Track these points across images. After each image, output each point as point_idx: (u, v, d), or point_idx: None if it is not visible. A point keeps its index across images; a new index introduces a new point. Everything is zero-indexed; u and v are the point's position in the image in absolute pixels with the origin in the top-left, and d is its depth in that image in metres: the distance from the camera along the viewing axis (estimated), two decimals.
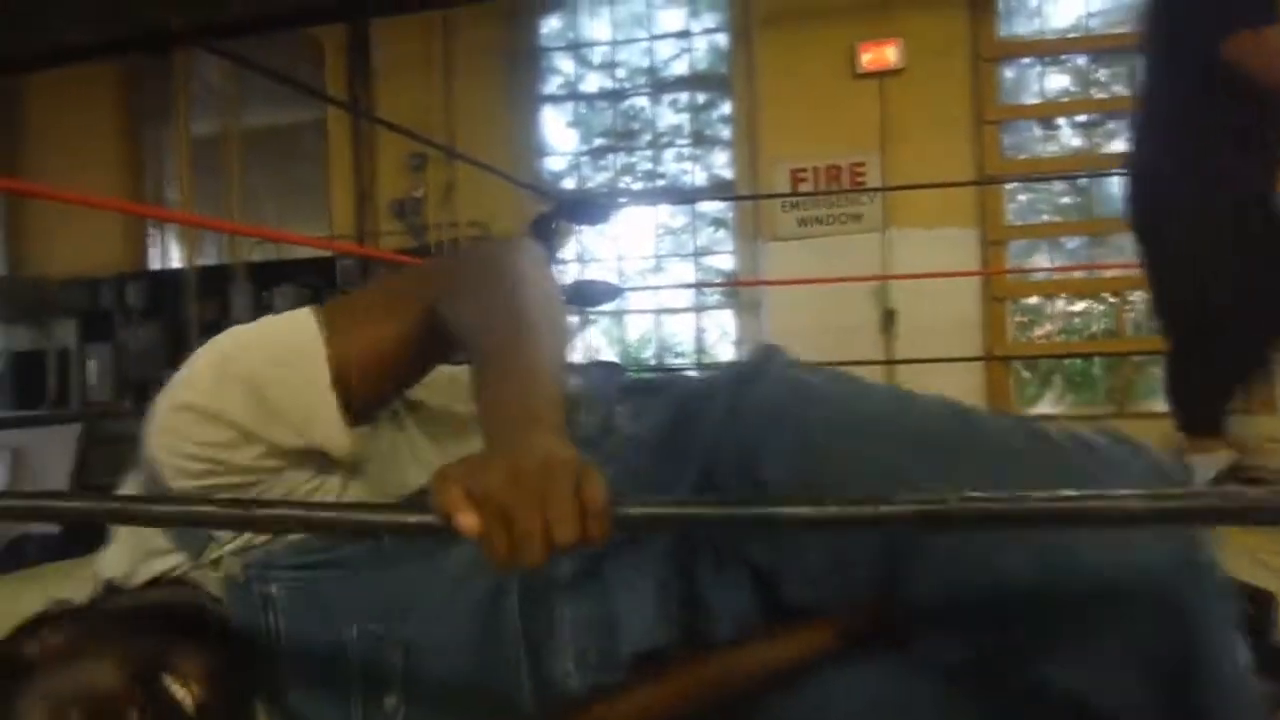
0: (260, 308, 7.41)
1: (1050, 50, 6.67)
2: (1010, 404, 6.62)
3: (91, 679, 0.86)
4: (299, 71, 7.35)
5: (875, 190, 6.43)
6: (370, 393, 0.96)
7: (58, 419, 7.35)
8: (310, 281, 7.32)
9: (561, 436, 0.75)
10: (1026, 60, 6.71)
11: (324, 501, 0.93)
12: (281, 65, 7.07)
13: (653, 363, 7.35)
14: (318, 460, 0.95)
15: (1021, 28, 6.68)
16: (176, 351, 7.54)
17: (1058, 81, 6.77)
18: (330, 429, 0.92)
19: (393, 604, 0.95)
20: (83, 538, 5.90)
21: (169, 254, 8.34)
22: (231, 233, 7.79)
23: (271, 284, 7.38)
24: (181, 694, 0.87)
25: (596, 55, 7.37)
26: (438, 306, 0.92)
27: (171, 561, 1.00)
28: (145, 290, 7.81)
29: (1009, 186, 6.72)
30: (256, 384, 0.92)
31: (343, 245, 7.20)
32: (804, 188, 6.57)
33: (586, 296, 6.12)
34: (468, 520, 0.68)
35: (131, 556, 1.02)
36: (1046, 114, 6.75)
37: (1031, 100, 6.77)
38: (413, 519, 0.76)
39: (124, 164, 8.21)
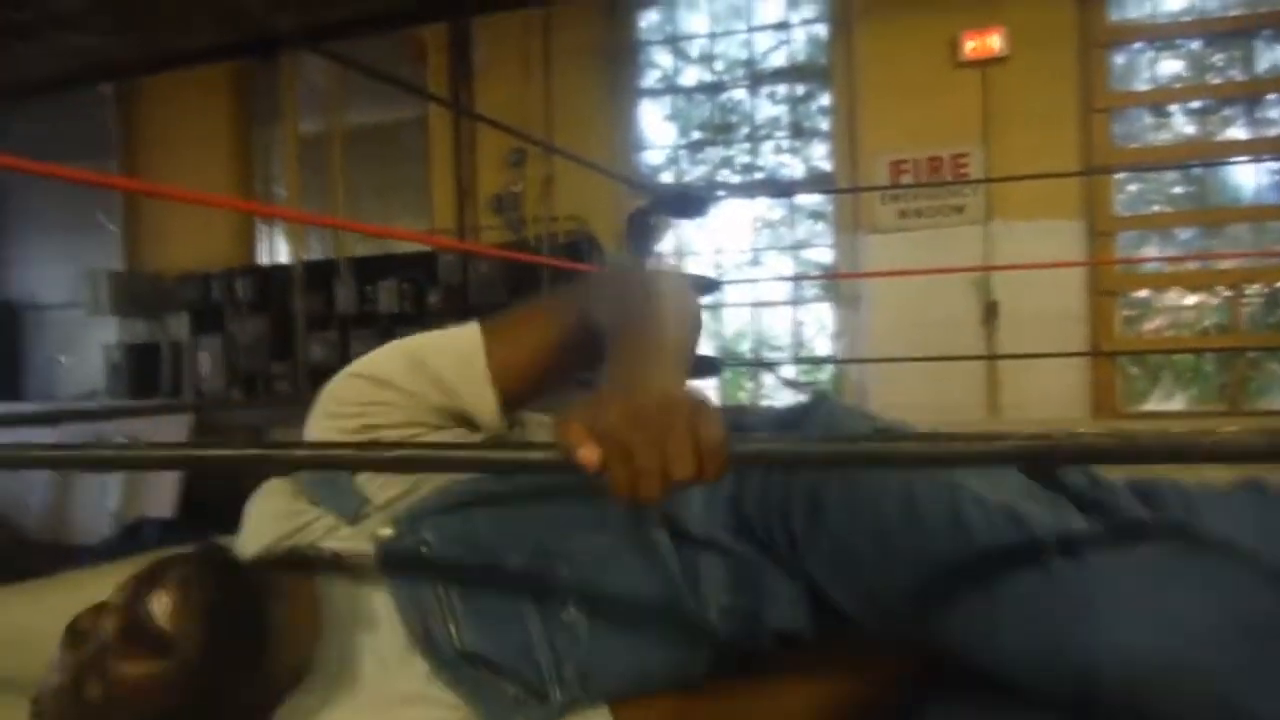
0: (363, 300, 7.58)
1: (1162, 34, 6.47)
2: (1116, 401, 6.45)
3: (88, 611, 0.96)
4: (401, 70, 7.50)
5: (978, 182, 6.32)
6: (518, 385, 1.03)
7: (171, 409, 7.61)
8: (412, 276, 7.47)
9: (681, 378, 0.78)
10: (1137, 45, 6.51)
11: (449, 442, 0.99)
12: (384, 64, 7.23)
13: (749, 356, 7.33)
14: (466, 431, 1.02)
15: (1132, 11, 6.48)
16: (283, 343, 7.77)
17: (1170, 67, 6.56)
18: (480, 398, 1.01)
19: (550, 528, 0.99)
20: (197, 520, 6.10)
21: (276, 249, 8.59)
22: (336, 228, 7.98)
23: (374, 278, 7.54)
24: (160, 615, 0.93)
25: (695, 48, 7.37)
26: (582, 312, 1.01)
27: (323, 523, 1.04)
28: (254, 284, 8.05)
29: (1118, 176, 6.54)
30: (419, 355, 1.02)
31: (443, 240, 7.32)
32: (905, 179, 6.49)
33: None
34: (589, 454, 0.71)
35: (272, 516, 1.08)
36: (1158, 101, 6.54)
37: (1142, 87, 6.57)
38: (536, 455, 0.79)
39: (234, 163, 8.47)
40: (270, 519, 1.07)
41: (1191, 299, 6.83)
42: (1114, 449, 0.76)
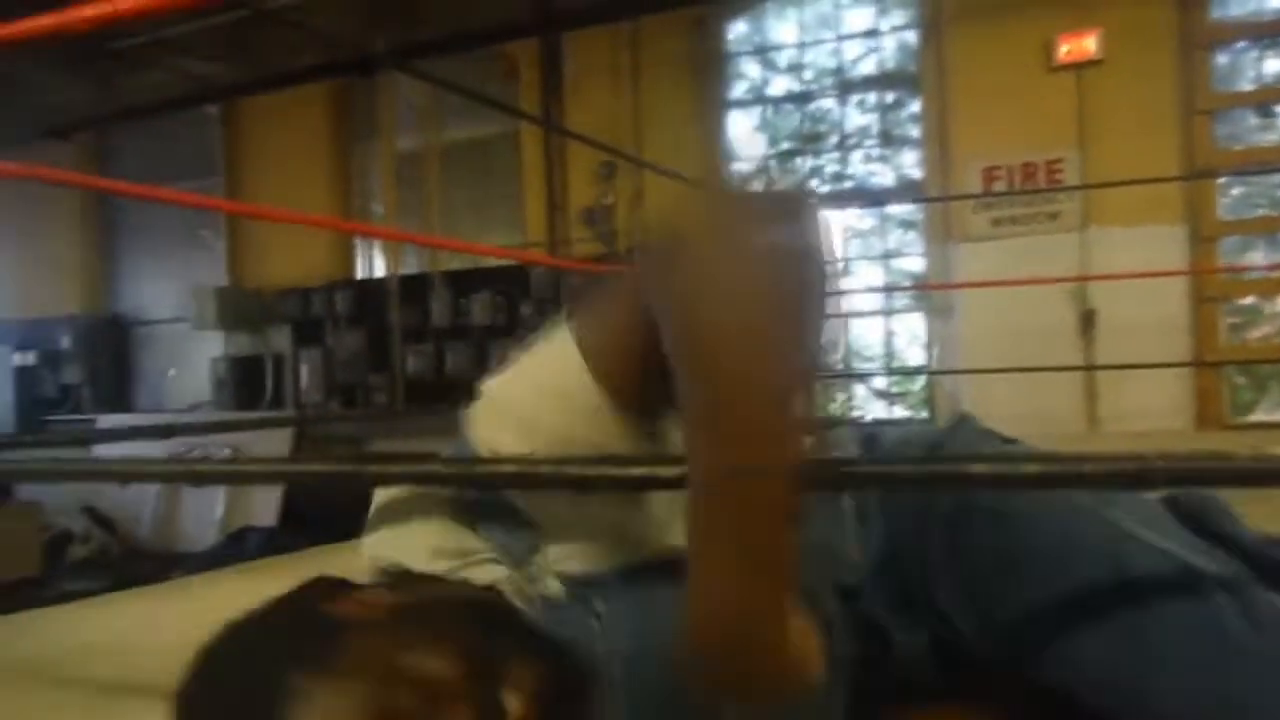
0: (457, 313, 7.72)
1: (1266, 32, 6.29)
2: (1222, 412, 6.26)
3: (425, 660, 0.76)
4: (494, 86, 7.65)
5: (1074, 188, 6.20)
6: (625, 376, 0.84)
7: (273, 422, 7.85)
8: (504, 288, 7.59)
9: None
10: (1240, 44, 6.34)
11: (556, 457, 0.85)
12: (477, 81, 7.38)
13: (840, 367, 7.28)
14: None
15: (1235, 9, 6.31)
16: (380, 355, 7.95)
17: (1275, 65, 6.36)
18: (588, 415, 0.85)
19: None
20: (300, 529, 6.28)
21: (373, 264, 8.80)
22: (432, 246, 8.15)
23: (468, 291, 7.68)
24: (514, 707, 0.76)
25: (783, 58, 7.37)
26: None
27: (489, 570, 0.93)
28: (352, 298, 8.26)
29: (1222, 180, 6.36)
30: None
31: (532, 255, 7.42)
32: (997, 186, 6.39)
33: None
34: None
35: (430, 551, 0.95)
36: (1263, 100, 6.35)
37: (1247, 86, 6.39)
38: (669, 472, 0.76)
39: (333, 179, 8.71)
40: (430, 553, 0.94)
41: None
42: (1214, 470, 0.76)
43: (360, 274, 8.79)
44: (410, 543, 0.94)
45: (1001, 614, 0.92)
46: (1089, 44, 6.15)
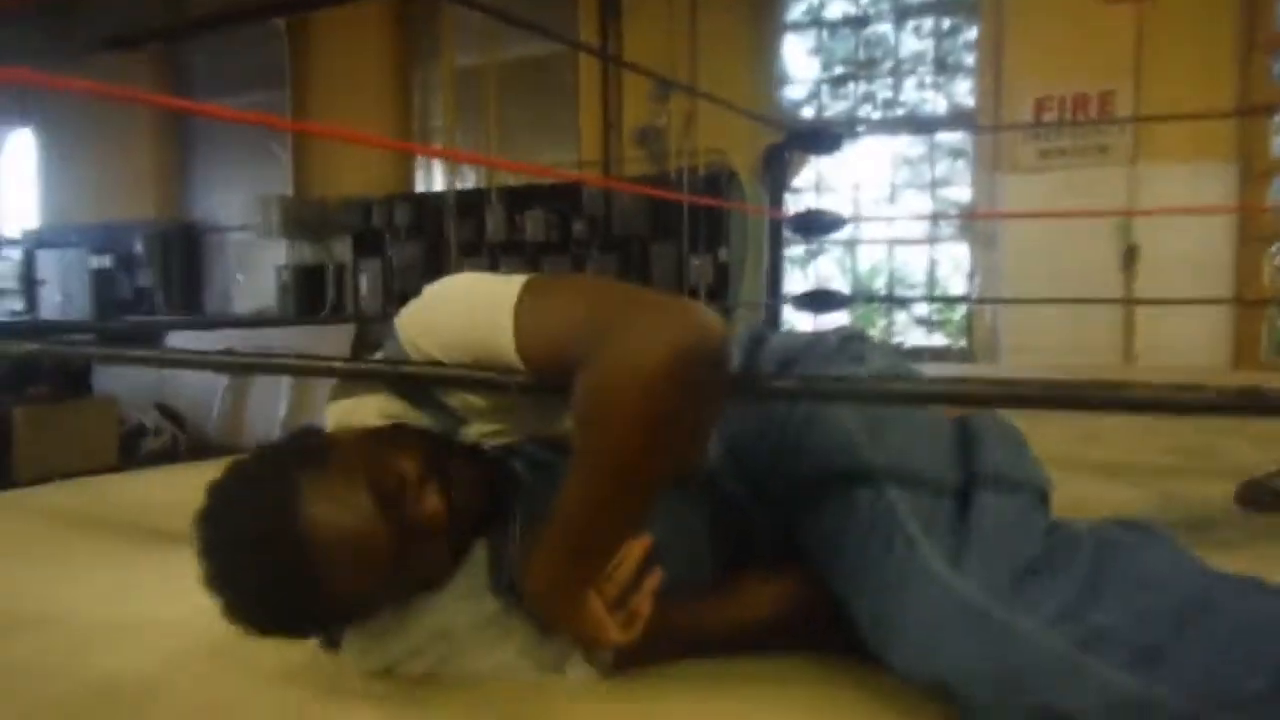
0: (512, 228, 7.92)
1: None
2: (1259, 351, 6.29)
3: (394, 453, 1.01)
4: (555, 7, 7.74)
5: (1125, 121, 6.19)
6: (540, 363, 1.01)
7: (333, 322, 8.15)
8: (558, 206, 7.75)
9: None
10: None
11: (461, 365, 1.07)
12: (538, 1, 7.47)
13: (884, 293, 7.39)
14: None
15: None
16: (437, 267, 8.18)
17: None
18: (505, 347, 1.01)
19: None
20: None
21: (432, 178, 9.00)
22: (487, 165, 8.32)
23: (522, 207, 7.87)
24: (459, 484, 1.01)
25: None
26: (579, 377, 0.91)
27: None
28: (411, 211, 8.49)
29: (1277, 118, 6.31)
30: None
31: (585, 176, 7.56)
32: (1048, 117, 6.40)
33: (813, 226, 6.23)
34: None
35: (378, 413, 1.16)
36: None
37: None
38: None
39: (395, 95, 8.90)
40: (378, 414, 1.14)
41: None
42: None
43: (419, 187, 9.01)
44: (363, 407, 1.15)
45: (776, 492, 1.13)
46: None
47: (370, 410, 1.15)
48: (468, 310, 1.03)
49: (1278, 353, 6.51)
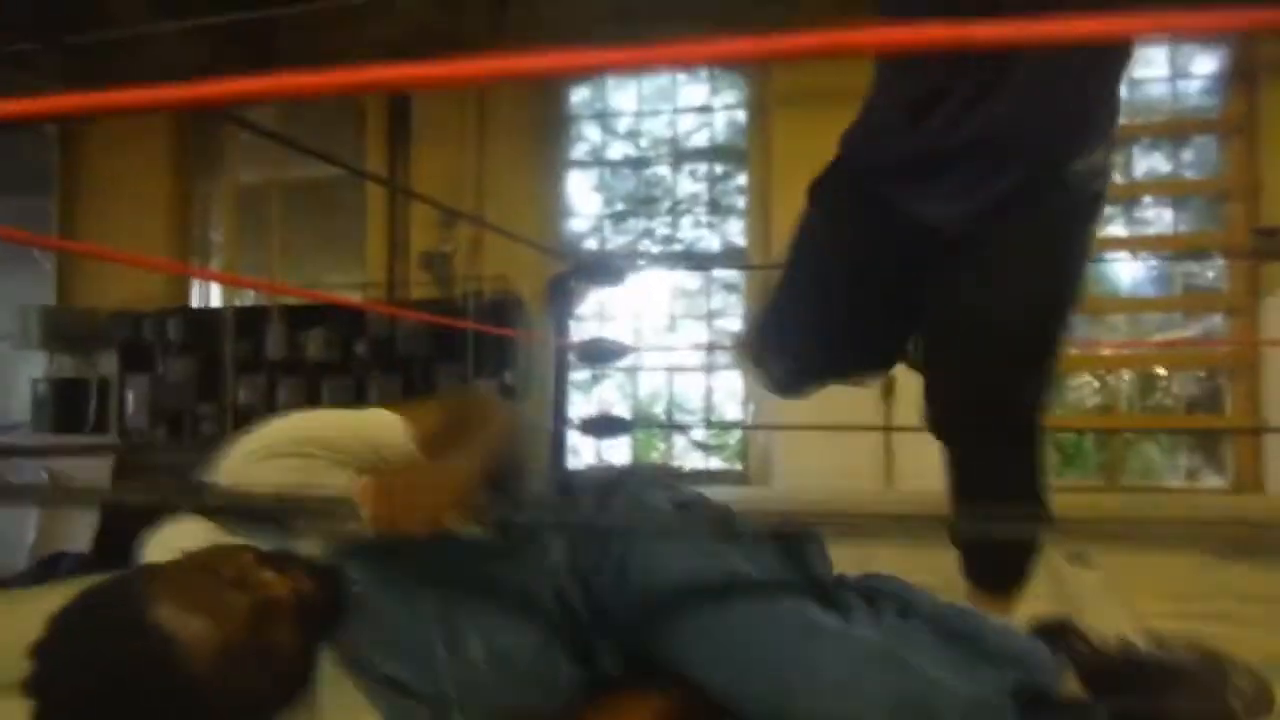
0: (293, 347, 7.77)
1: None
2: None
3: (221, 554, 1.11)
4: (343, 131, 7.81)
5: None
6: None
7: (92, 449, 7.72)
8: (341, 326, 7.67)
9: (461, 480, 1.11)
10: None
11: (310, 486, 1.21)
12: (327, 125, 7.54)
13: (663, 418, 7.66)
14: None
15: None
16: (211, 385, 7.93)
17: None
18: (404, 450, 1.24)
19: (457, 578, 1.23)
20: (113, 556, 6.23)
21: (210, 292, 8.76)
22: (268, 290, 8.18)
23: (305, 326, 7.73)
24: (297, 580, 1.10)
25: (622, 125, 7.79)
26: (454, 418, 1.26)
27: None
28: (185, 326, 8.19)
29: None
30: (355, 423, 1.28)
31: (369, 304, 7.53)
32: None
33: (599, 354, 6.45)
34: (366, 500, 1.06)
35: (203, 541, 1.23)
36: None
37: None
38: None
39: (173, 207, 8.67)
40: (203, 542, 1.19)
41: (1074, 380, 7.32)
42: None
43: (195, 302, 8.74)
44: (187, 534, 1.20)
45: (627, 612, 1.22)
46: None
47: (195, 535, 1.20)
48: (347, 415, 1.27)
49: None
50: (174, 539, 1.20)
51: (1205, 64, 6.78)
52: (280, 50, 7.67)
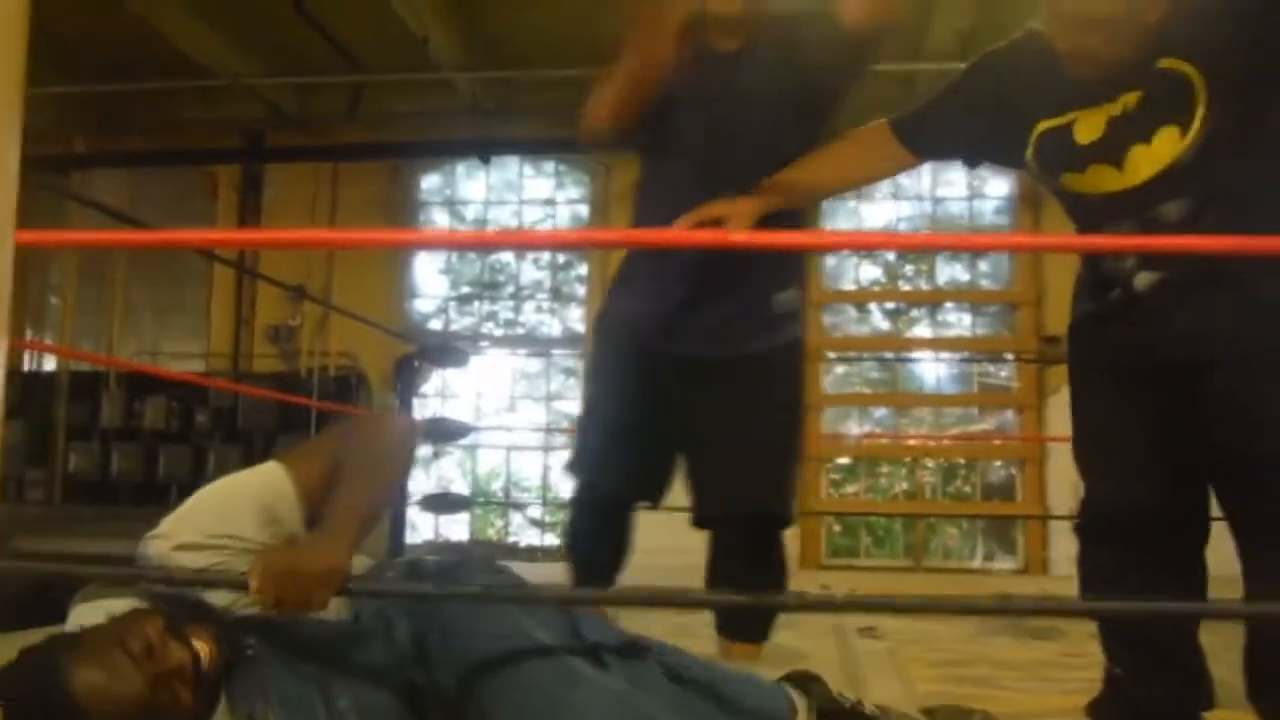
0: (130, 415, 7.68)
1: (864, 245, 7.64)
2: (820, 554, 7.35)
3: (133, 625, 1.32)
4: (194, 201, 7.89)
5: None
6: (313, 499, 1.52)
7: None
8: (181, 395, 7.61)
9: (346, 547, 1.41)
10: (846, 252, 7.67)
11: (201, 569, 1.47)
12: (178, 193, 7.61)
13: (500, 496, 7.91)
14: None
15: (843, 222, 7.65)
16: (42, 451, 7.74)
17: (870, 272, 7.75)
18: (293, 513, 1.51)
19: (333, 647, 1.48)
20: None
21: (42, 356, 8.59)
22: (108, 340, 8.08)
23: (143, 393, 7.64)
24: (200, 646, 1.33)
25: (470, 212, 8.12)
26: (339, 456, 1.50)
27: None
28: (15, 390, 8.00)
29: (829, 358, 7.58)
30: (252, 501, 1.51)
31: (214, 380, 7.49)
32: None
33: (441, 432, 6.70)
34: (255, 586, 1.35)
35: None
36: (860, 300, 7.70)
37: (849, 287, 7.71)
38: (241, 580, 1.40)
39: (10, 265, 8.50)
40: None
41: (885, 468, 7.92)
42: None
43: (27, 365, 8.56)
44: (113, 608, 1.42)
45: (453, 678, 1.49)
46: None
47: (120, 609, 1.43)
48: (237, 484, 1.53)
49: (834, 554, 7.62)
50: (98, 612, 1.43)
51: (998, 186, 7.55)
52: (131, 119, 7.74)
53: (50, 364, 8.47)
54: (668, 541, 2.88)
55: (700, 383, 2.19)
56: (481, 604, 1.54)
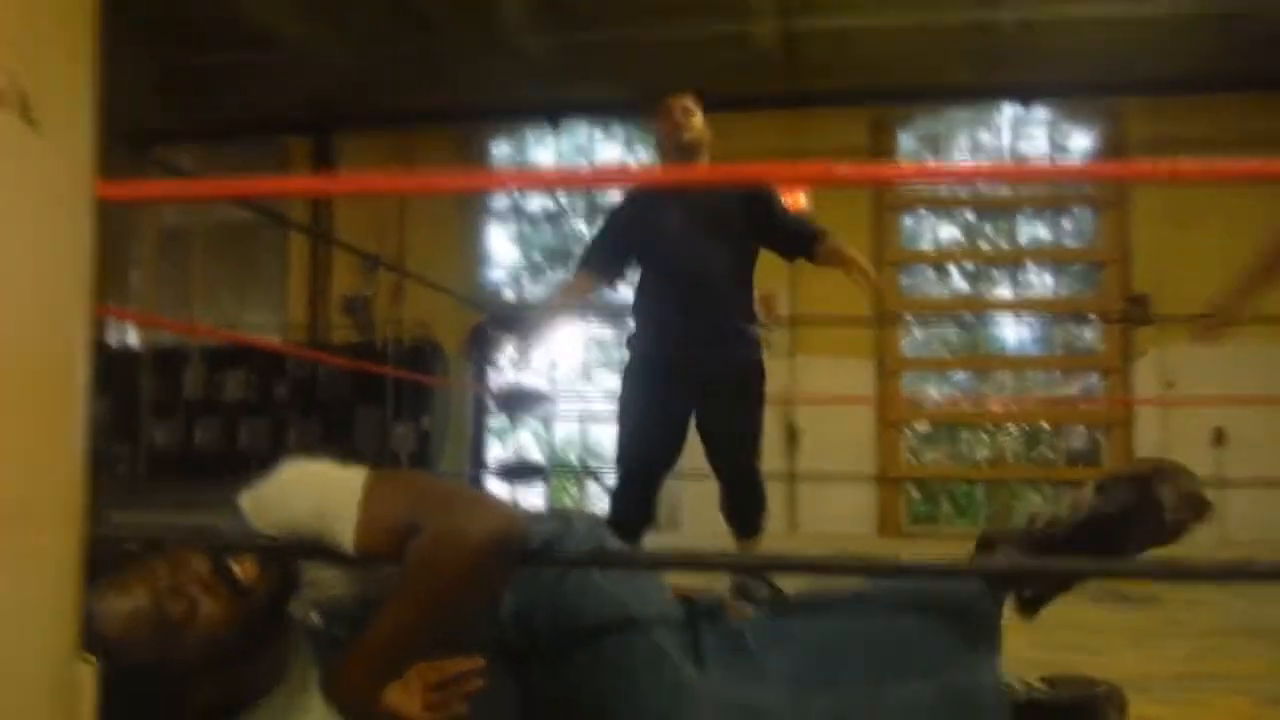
0: (210, 388, 7.82)
1: (941, 205, 7.46)
2: (900, 521, 7.22)
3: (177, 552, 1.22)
4: (265, 172, 7.93)
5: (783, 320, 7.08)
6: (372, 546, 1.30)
7: None
8: (261, 367, 7.75)
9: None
10: (921, 211, 7.50)
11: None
12: (253, 165, 7.68)
13: (577, 465, 7.89)
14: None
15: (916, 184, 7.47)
16: (126, 425, 7.91)
17: (949, 232, 7.56)
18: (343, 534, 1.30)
19: None
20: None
21: (125, 330, 8.75)
22: (186, 330, 8.20)
23: (224, 367, 7.81)
24: (239, 570, 1.20)
25: None
26: (416, 542, 1.24)
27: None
28: (99, 364, 8.14)
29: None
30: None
31: (288, 347, 7.62)
32: None
33: (515, 403, 6.70)
34: None
35: None
36: (940, 260, 7.52)
37: (926, 247, 7.54)
38: None
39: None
40: None
41: (966, 434, 7.75)
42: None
43: (110, 341, 8.73)
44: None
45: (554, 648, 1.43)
46: (799, 199, 7.09)
47: None
48: (316, 499, 1.31)
49: (915, 522, 7.49)
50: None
51: (1081, 141, 7.31)
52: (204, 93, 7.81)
53: (132, 340, 8.64)
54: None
55: (702, 386, 3.16)
56: (590, 590, 1.46)
